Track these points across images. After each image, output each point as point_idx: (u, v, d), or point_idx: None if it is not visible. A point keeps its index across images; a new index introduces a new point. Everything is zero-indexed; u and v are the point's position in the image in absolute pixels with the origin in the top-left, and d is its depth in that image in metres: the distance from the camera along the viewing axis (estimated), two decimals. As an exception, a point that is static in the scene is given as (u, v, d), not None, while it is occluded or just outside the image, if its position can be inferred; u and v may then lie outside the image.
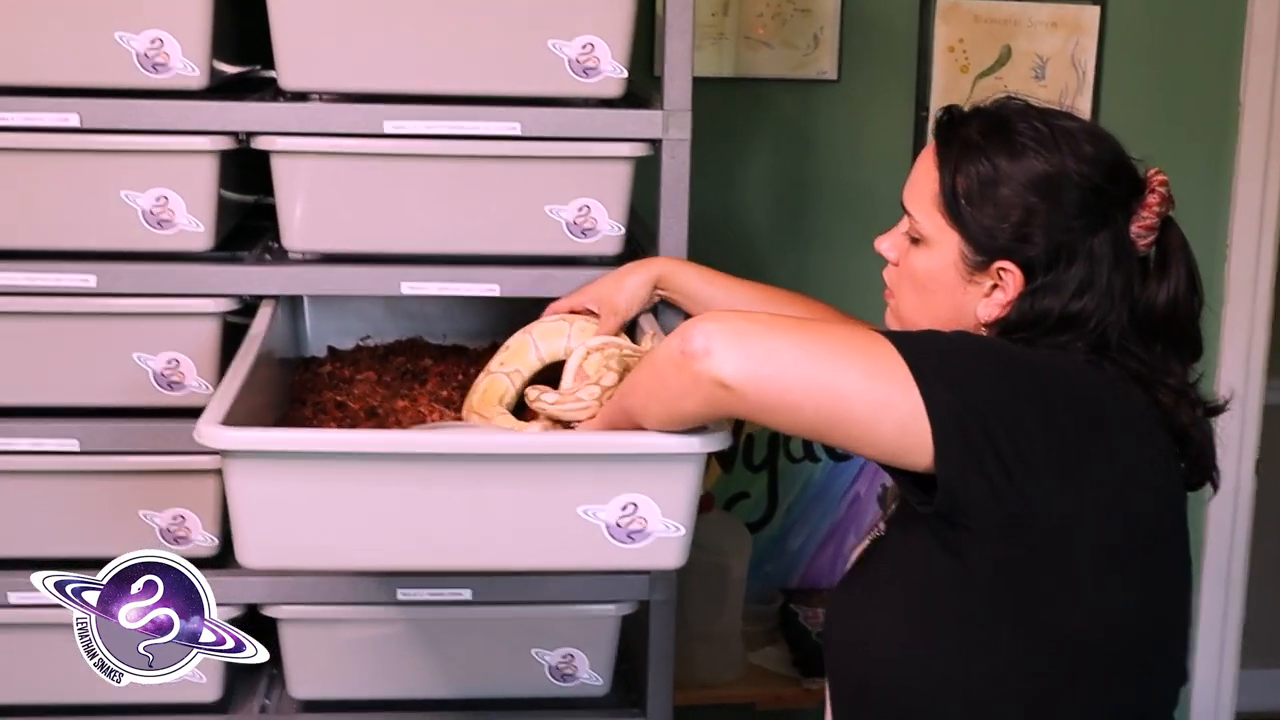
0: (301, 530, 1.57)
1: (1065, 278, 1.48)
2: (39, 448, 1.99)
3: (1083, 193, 1.49)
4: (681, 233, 2.00)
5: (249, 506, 1.56)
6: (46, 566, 2.01)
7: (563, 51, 1.93)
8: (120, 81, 1.92)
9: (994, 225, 1.49)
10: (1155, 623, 1.47)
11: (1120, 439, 1.43)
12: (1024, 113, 1.54)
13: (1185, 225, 2.92)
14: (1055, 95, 2.77)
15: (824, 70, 2.73)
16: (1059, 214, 1.48)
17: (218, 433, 1.53)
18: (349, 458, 1.54)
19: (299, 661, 2.08)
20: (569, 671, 2.10)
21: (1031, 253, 1.49)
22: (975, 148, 1.52)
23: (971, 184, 1.51)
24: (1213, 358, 2.95)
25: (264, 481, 1.55)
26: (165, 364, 1.99)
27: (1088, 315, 1.48)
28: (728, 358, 1.36)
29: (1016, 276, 1.50)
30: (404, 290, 1.98)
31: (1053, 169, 1.49)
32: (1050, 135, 1.50)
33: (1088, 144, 1.51)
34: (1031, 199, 1.48)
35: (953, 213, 1.52)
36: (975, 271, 1.52)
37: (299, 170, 1.95)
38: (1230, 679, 3.09)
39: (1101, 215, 1.49)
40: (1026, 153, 1.49)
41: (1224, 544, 3.02)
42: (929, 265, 1.55)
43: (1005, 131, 1.51)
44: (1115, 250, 1.50)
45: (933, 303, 1.56)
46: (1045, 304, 1.49)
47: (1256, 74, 2.83)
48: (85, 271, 1.95)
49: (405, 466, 1.55)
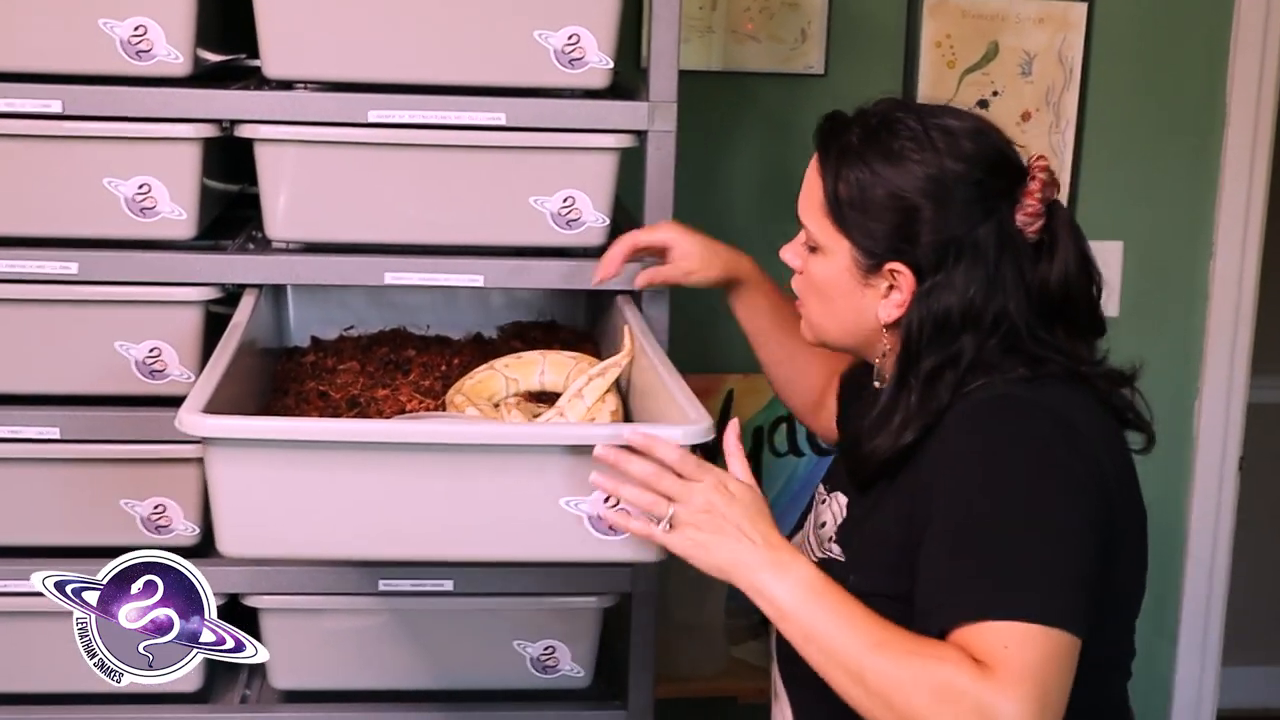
0: (282, 519, 1.56)
1: (955, 273, 1.50)
2: (19, 435, 1.98)
3: (964, 188, 1.50)
4: (666, 225, 2.00)
5: (230, 495, 1.55)
6: (26, 555, 2.02)
7: (548, 42, 1.93)
8: (103, 68, 1.91)
9: (878, 229, 1.52)
10: (1117, 592, 1.51)
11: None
12: (903, 115, 1.54)
13: (1170, 222, 2.94)
14: (1042, 91, 2.78)
15: (811, 64, 2.73)
16: (941, 212, 1.50)
17: (199, 420, 1.52)
18: (329, 446, 1.53)
19: (280, 652, 2.07)
20: (550, 663, 2.10)
21: (918, 253, 1.51)
22: (854, 154, 1.53)
23: (853, 190, 1.53)
24: (1197, 355, 2.96)
25: (245, 470, 1.54)
26: (147, 352, 1.98)
27: (982, 309, 1.50)
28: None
29: (908, 277, 1.52)
30: (387, 280, 1.97)
31: (932, 170, 1.50)
32: (928, 136, 1.51)
33: (967, 141, 1.52)
34: (912, 200, 1.50)
35: (838, 219, 1.54)
36: (869, 275, 1.54)
37: (282, 159, 1.94)
38: (1212, 676, 3.10)
39: (985, 208, 1.51)
40: (905, 155, 1.51)
41: (1207, 542, 3.03)
42: (826, 272, 1.58)
43: (884, 135, 1.53)
44: (1001, 239, 1.51)
45: (836, 309, 1.59)
46: (942, 302, 1.50)
47: (1242, 71, 2.84)
48: (67, 259, 1.95)
49: (386, 455, 1.54)
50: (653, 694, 2.13)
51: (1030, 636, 1.35)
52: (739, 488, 1.51)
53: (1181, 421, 2.98)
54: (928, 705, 1.34)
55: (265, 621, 2.05)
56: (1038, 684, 1.34)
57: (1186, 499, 3.01)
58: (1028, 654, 1.35)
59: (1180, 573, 3.04)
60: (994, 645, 1.35)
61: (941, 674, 1.34)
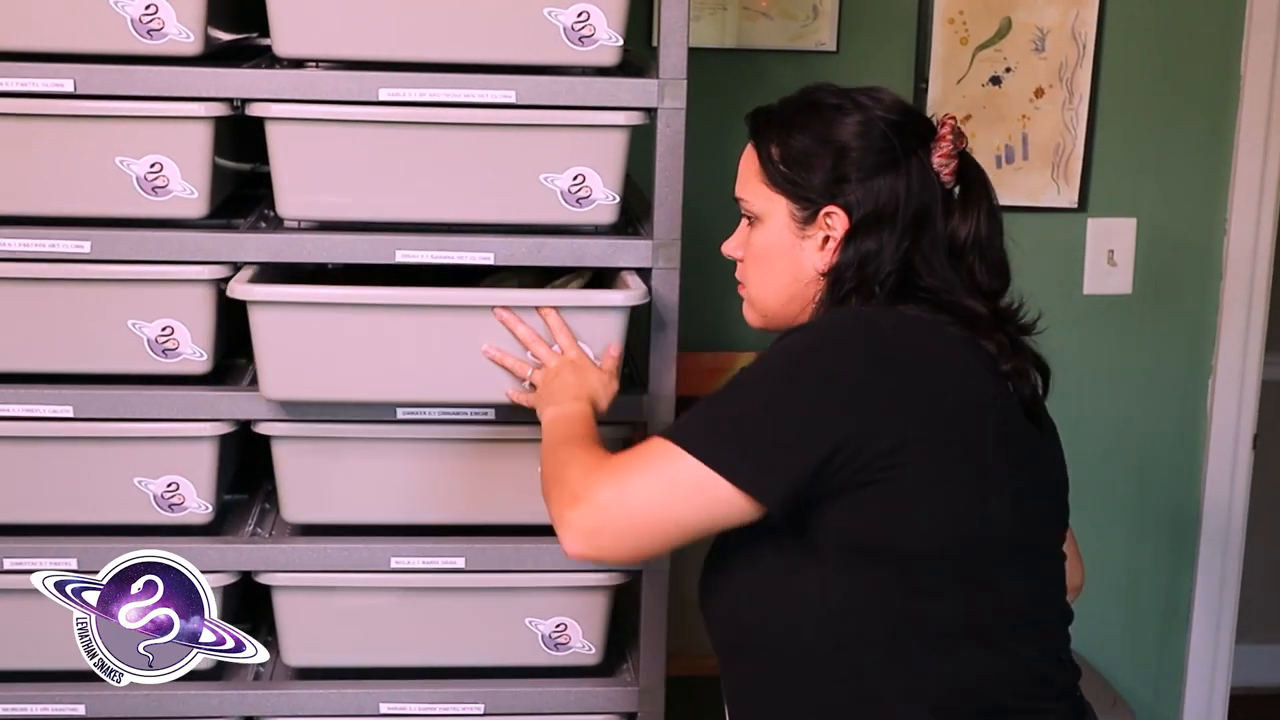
0: (312, 368, 1.94)
1: (879, 210, 1.64)
2: (33, 414, 1.99)
3: (884, 128, 1.65)
4: (676, 202, 2.00)
5: (270, 348, 1.93)
6: (40, 533, 2.03)
7: (558, 19, 1.92)
8: (115, 47, 1.91)
9: (811, 176, 1.67)
10: (989, 539, 1.57)
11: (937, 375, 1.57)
12: (822, 88, 1.72)
13: (1184, 199, 2.94)
14: (1055, 67, 2.76)
15: (823, 41, 2.72)
16: (868, 152, 1.65)
17: (247, 288, 1.90)
18: (350, 308, 1.92)
19: (293, 629, 2.08)
20: (562, 640, 2.10)
21: (849, 190, 1.65)
22: (785, 122, 1.70)
23: (786, 149, 1.69)
24: (1211, 333, 2.95)
25: (282, 327, 1.92)
26: (159, 331, 1.99)
27: (893, 246, 1.63)
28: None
29: (841, 218, 1.66)
30: (398, 258, 1.97)
31: (856, 116, 1.67)
32: (849, 96, 1.69)
33: (883, 96, 1.70)
34: (840, 143, 1.66)
35: (774, 179, 1.69)
36: (805, 226, 1.68)
37: (294, 137, 1.94)
38: (1226, 655, 3.10)
39: (904, 148, 1.66)
40: (831, 111, 1.68)
41: (1221, 520, 3.02)
42: (766, 237, 1.72)
43: (810, 103, 1.70)
44: (922, 180, 1.66)
45: (775, 271, 1.71)
46: (868, 242, 1.64)
47: (1257, 47, 2.82)
48: (79, 238, 1.95)
49: (393, 314, 1.93)
50: (664, 670, 2.14)
51: (666, 450, 1.56)
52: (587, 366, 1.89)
53: (1195, 399, 2.98)
54: (550, 478, 1.67)
55: (278, 598, 2.06)
56: (625, 466, 1.59)
57: (1200, 477, 3.01)
58: (636, 450, 1.60)
59: (1194, 551, 3.04)
60: (638, 448, 1.60)
61: (575, 459, 1.65)
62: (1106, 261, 2.88)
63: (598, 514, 1.57)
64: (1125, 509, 3.01)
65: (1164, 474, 3.02)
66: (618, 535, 1.58)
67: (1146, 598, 3.06)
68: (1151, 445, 2.99)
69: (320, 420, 2.02)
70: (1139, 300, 2.91)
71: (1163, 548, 3.05)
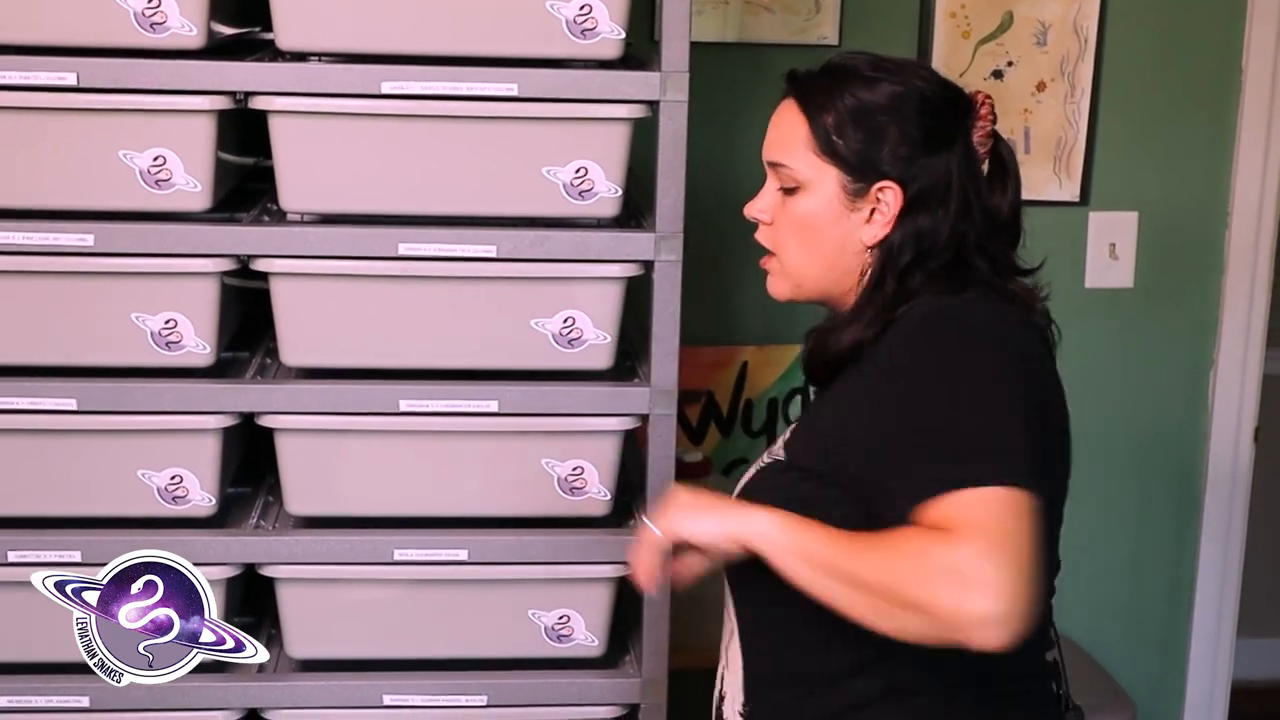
0: (332, 336, 2.01)
1: (934, 187, 1.61)
2: (37, 407, 1.99)
3: (934, 104, 1.63)
4: (679, 195, 2.00)
5: (292, 318, 2.00)
6: (43, 526, 2.04)
7: (560, 12, 1.93)
8: (118, 41, 1.91)
9: (867, 149, 1.62)
10: (1061, 499, 1.62)
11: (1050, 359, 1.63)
12: (858, 56, 1.68)
13: (1185, 192, 2.94)
14: (1057, 61, 2.77)
15: (825, 35, 2.72)
16: (921, 126, 1.62)
17: (269, 262, 1.96)
18: (371, 278, 1.99)
19: (296, 621, 2.09)
20: (565, 632, 2.11)
21: (904, 166, 1.61)
22: (832, 90, 1.64)
23: (839, 117, 1.63)
24: (1212, 325, 2.95)
25: (303, 298, 2.00)
26: (163, 324, 1.99)
27: (948, 224, 1.61)
28: None
29: (896, 193, 1.62)
30: (401, 251, 1.98)
31: (905, 88, 1.63)
32: (890, 65, 1.65)
33: (921, 69, 1.68)
34: (894, 116, 1.62)
35: (827, 148, 1.63)
36: (856, 199, 1.63)
37: (297, 130, 1.95)
38: (1227, 648, 3.10)
39: (953, 125, 1.64)
40: (878, 81, 1.63)
41: (1222, 513, 3.03)
42: (810, 206, 1.65)
43: (851, 71, 1.65)
44: (967, 159, 1.64)
45: (818, 241, 1.66)
46: (925, 217, 1.61)
47: (1259, 40, 2.82)
48: (83, 231, 1.95)
49: (404, 284, 2.00)
50: (666, 663, 2.14)
51: (980, 499, 1.42)
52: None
53: (1196, 392, 2.98)
54: (907, 582, 1.40)
55: (281, 591, 2.07)
56: (998, 534, 1.40)
57: (1201, 469, 3.01)
58: (980, 512, 1.41)
59: (1195, 543, 3.04)
60: (951, 514, 1.42)
61: (910, 551, 1.41)
62: (1108, 255, 2.89)
63: (1000, 599, 1.37)
64: (1127, 502, 3.01)
65: (1165, 467, 3.02)
66: (1024, 601, 1.39)
67: (1148, 591, 3.07)
68: (1153, 439, 3.00)
69: (323, 412, 2.02)
70: (1141, 294, 2.91)
71: (1164, 541, 3.05)
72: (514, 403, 2.03)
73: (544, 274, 2.01)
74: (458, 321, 2.02)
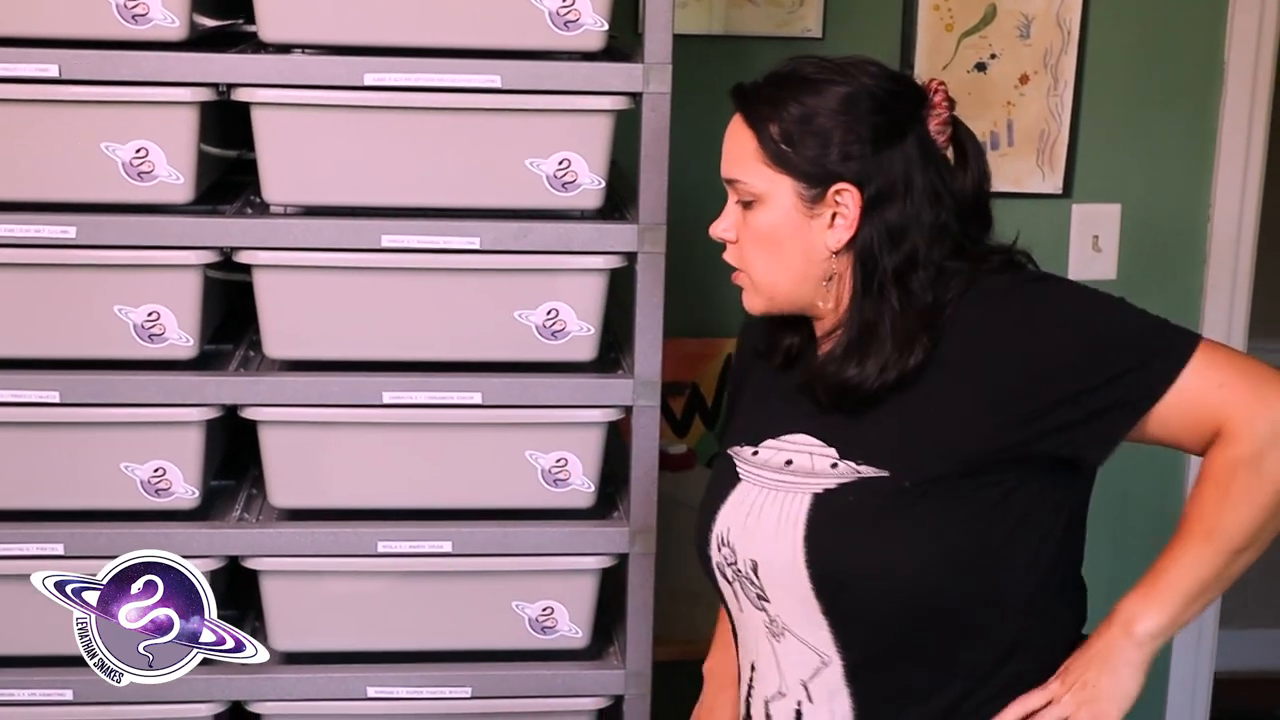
0: (315, 328, 2.01)
1: (895, 183, 1.60)
2: (19, 399, 1.99)
3: (882, 100, 1.61)
4: (661, 187, 2.01)
5: (274, 310, 2.00)
6: (26, 518, 2.04)
7: (543, 4, 1.93)
8: (100, 32, 1.91)
9: (818, 154, 1.60)
10: None
11: None
12: (804, 61, 1.66)
13: (1168, 186, 2.94)
14: (1040, 54, 2.77)
15: (809, 28, 2.72)
16: (870, 124, 1.60)
17: (254, 253, 1.97)
18: (354, 271, 1.99)
19: (280, 613, 2.09)
20: (549, 624, 2.11)
21: (858, 166, 1.60)
22: (776, 99, 1.63)
23: (786, 126, 1.61)
24: (1194, 319, 2.96)
25: (285, 290, 2.00)
26: (146, 316, 1.99)
27: (923, 213, 1.61)
28: None
29: (854, 194, 1.60)
30: (384, 243, 1.98)
31: (852, 87, 1.61)
32: (836, 66, 1.64)
33: (869, 65, 1.65)
34: (842, 118, 1.60)
35: (777, 158, 1.61)
36: (814, 205, 1.62)
37: (279, 123, 1.95)
38: (1209, 639, 3.11)
39: (904, 118, 1.62)
40: (823, 84, 1.62)
41: (1204, 504, 3.03)
42: (770, 219, 1.63)
43: (795, 78, 1.64)
44: (924, 150, 1.62)
45: (783, 253, 1.64)
46: (891, 210, 1.60)
47: (1241, 33, 2.83)
48: (65, 224, 1.95)
49: (388, 276, 2.01)
50: (651, 655, 2.15)
51: (1203, 366, 1.60)
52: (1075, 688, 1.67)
53: (1179, 384, 2.98)
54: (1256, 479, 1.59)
55: (265, 583, 2.07)
56: (1244, 366, 1.60)
57: (1184, 461, 3.02)
58: (1216, 375, 1.59)
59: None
60: (1202, 400, 1.60)
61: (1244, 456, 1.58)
62: (1091, 247, 2.89)
63: None
64: (1110, 490, 3.02)
65: (1148, 458, 3.02)
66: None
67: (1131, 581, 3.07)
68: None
69: (307, 405, 2.02)
70: (1123, 285, 2.91)
71: (1147, 533, 3.06)
72: (497, 394, 2.03)
73: (527, 265, 2.02)
74: (441, 313, 2.02)
